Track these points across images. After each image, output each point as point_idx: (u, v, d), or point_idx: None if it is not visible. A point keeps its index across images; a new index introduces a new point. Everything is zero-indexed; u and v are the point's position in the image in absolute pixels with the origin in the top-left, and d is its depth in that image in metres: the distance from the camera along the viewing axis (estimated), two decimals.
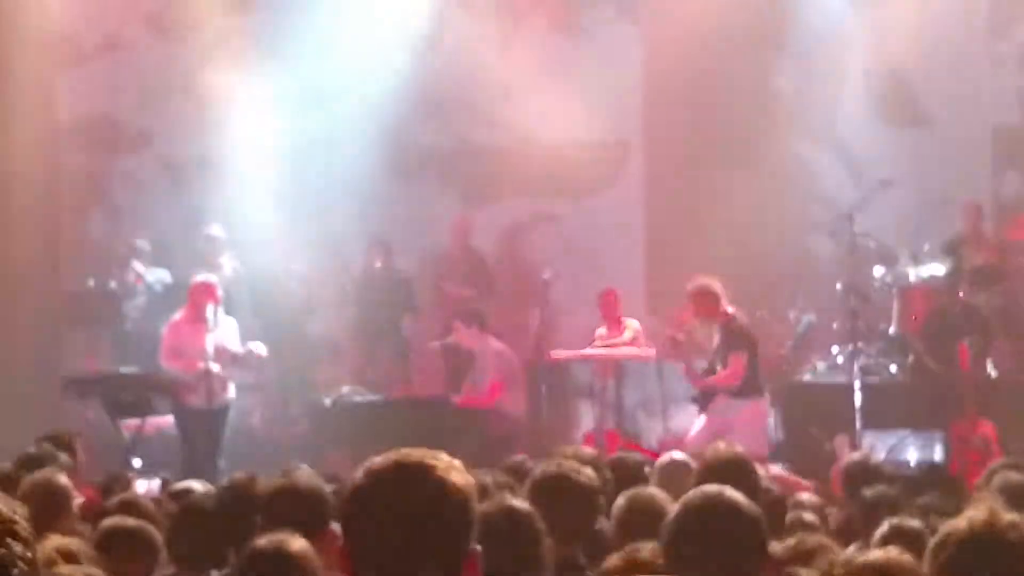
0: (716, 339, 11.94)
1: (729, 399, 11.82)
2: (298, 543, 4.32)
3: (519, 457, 7.92)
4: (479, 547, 2.87)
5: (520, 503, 4.62)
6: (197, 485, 6.46)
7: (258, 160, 14.70)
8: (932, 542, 3.20)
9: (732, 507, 3.90)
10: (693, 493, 4.03)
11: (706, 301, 11.84)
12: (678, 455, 7.96)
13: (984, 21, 14.47)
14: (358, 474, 2.91)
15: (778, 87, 14.98)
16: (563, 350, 13.49)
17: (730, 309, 11.87)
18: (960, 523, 3.13)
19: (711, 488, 4.02)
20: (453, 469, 2.89)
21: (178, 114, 14.96)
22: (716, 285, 11.83)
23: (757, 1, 14.71)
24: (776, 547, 4.86)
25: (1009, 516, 3.17)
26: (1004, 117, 14.45)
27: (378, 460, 2.92)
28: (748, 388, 11.85)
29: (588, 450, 6.99)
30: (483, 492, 5.03)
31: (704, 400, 11.95)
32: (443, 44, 14.99)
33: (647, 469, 7.47)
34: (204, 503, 6.00)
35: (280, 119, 14.80)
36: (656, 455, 11.51)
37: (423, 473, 2.85)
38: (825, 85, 14.97)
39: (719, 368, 11.80)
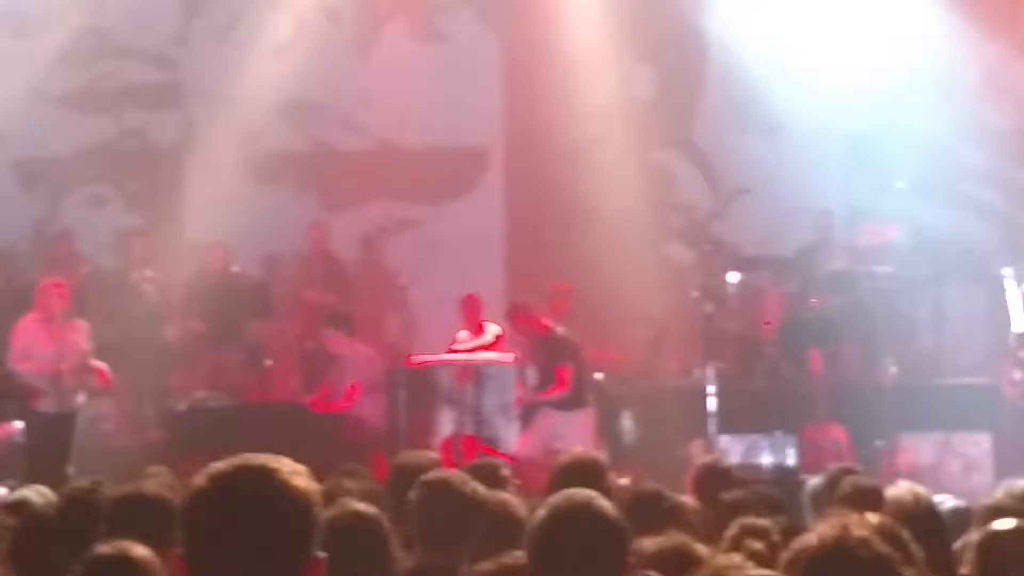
0: (538, 354, 12.11)
1: (556, 414, 11.98)
2: (140, 550, 4.24)
3: (351, 465, 7.88)
4: (322, 554, 2.85)
5: (366, 507, 4.59)
6: (35, 494, 6.30)
7: (111, 163, 14.50)
8: (784, 557, 3.21)
9: (597, 510, 3.91)
10: (557, 497, 4.03)
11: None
12: None
13: (834, 30, 14.74)
14: (198, 479, 2.87)
15: (636, 94, 15.11)
16: (423, 355, 13.48)
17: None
18: (811, 538, 3.15)
19: (576, 492, 4.03)
20: (296, 474, 2.86)
21: (28, 115, 14.69)
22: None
23: (616, 8, 14.82)
24: (646, 545, 4.87)
25: (860, 532, 3.19)
26: (855, 125, 14.73)
27: (219, 465, 2.88)
28: (576, 400, 12.04)
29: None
30: (331, 497, 5.01)
31: (528, 415, 12.10)
32: (301, 47, 14.90)
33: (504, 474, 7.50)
34: (45, 512, 5.86)
35: (133, 120, 14.62)
36: (513, 460, 11.61)
37: (264, 478, 2.82)
38: (683, 93, 15.14)
39: (544, 382, 11.99)
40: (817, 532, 3.15)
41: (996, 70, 14.51)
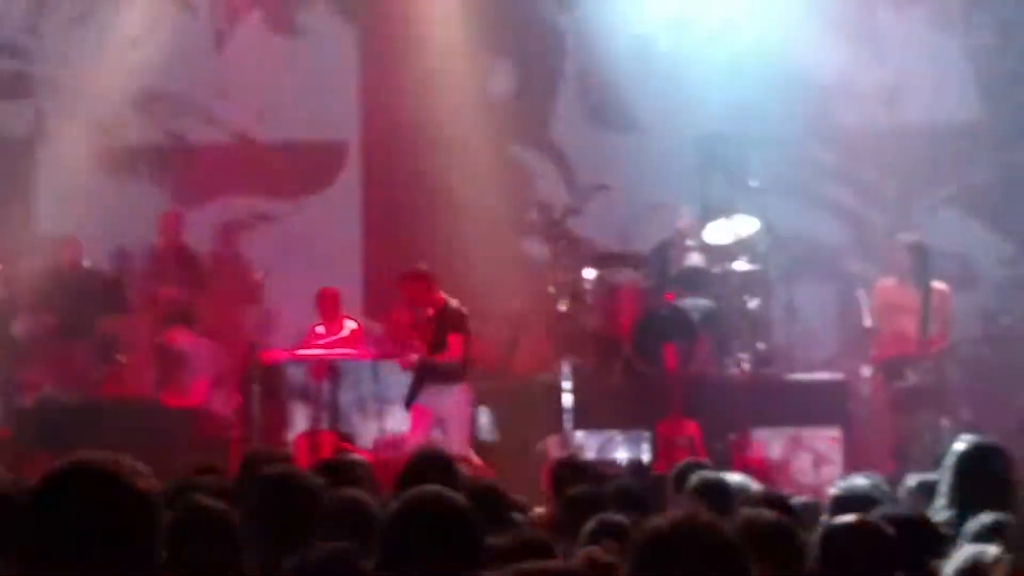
0: (429, 323, 12.13)
1: (434, 388, 12.01)
2: None
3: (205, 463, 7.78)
4: (165, 553, 2.81)
5: (213, 504, 4.54)
6: None
7: None
8: (633, 539, 3.24)
9: (448, 504, 3.92)
10: (409, 492, 4.02)
11: (419, 286, 12.05)
12: None
13: (691, 30, 14.91)
14: (35, 480, 2.83)
15: (495, 90, 15.15)
16: (278, 350, 13.39)
17: (441, 294, 12.11)
18: (660, 521, 3.17)
19: (426, 487, 4.03)
20: (135, 474, 2.82)
21: None
22: (426, 269, 12.05)
23: (474, 3, 14.84)
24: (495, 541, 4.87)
25: (707, 517, 3.23)
26: (710, 124, 14.91)
27: (56, 465, 2.84)
28: (461, 371, 12.10)
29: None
30: (182, 494, 4.94)
31: (412, 393, 12.12)
32: (156, 39, 14.71)
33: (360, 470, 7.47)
34: None
35: None
36: (371, 455, 11.59)
37: (102, 478, 2.78)
38: (541, 90, 15.21)
39: (434, 351, 12.03)
40: (666, 516, 3.18)
41: (848, 71, 14.77)
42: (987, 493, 4.89)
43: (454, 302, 12.25)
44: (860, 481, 5.90)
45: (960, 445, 5.37)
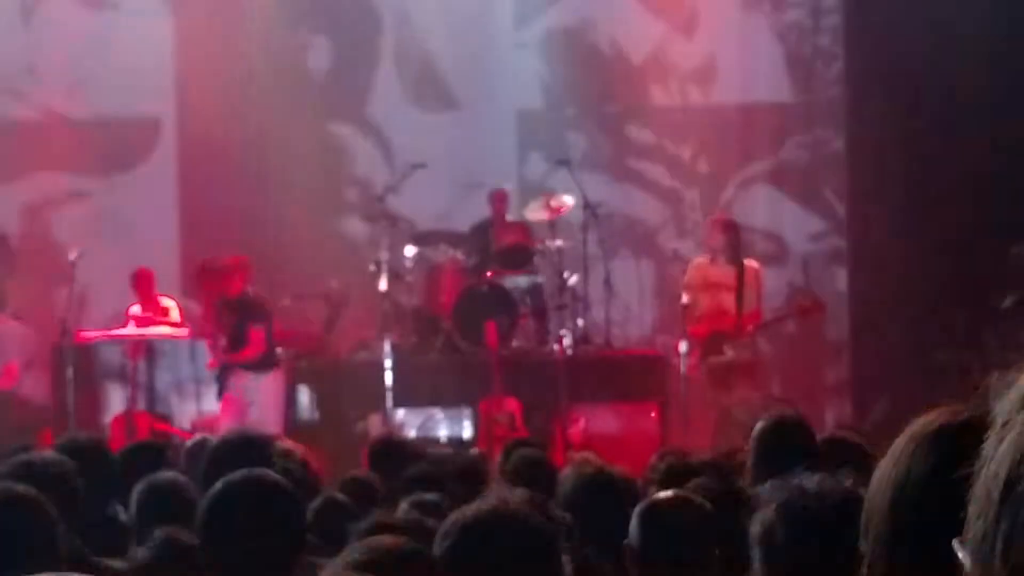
0: (229, 315, 12.07)
1: (247, 376, 11.97)
2: None
3: (20, 444, 7.63)
4: None
5: (23, 488, 4.44)
6: None
7: None
8: (441, 528, 3.25)
9: (270, 485, 3.88)
10: (234, 475, 3.97)
11: (216, 277, 12.00)
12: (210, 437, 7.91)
13: (508, 9, 14.98)
14: None
15: (312, 67, 15.03)
16: (92, 331, 13.14)
17: (239, 284, 12.05)
18: (467, 509, 3.19)
19: (252, 471, 3.99)
20: None
21: None
22: (222, 261, 12.01)
23: None
24: None
25: (516, 500, 3.25)
26: (527, 102, 15.00)
27: None
28: (267, 361, 12.07)
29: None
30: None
31: (223, 380, 12.06)
32: None
33: (170, 452, 7.37)
34: None
35: None
36: (189, 436, 11.45)
37: None
38: (358, 67, 15.13)
39: (236, 344, 11.97)
40: (474, 504, 3.20)
41: (662, 49, 14.97)
42: (788, 466, 5.00)
43: (252, 291, 12.19)
44: (680, 455, 5.99)
45: (763, 421, 5.47)
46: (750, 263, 12.82)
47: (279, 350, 12.49)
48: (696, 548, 3.81)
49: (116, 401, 13.29)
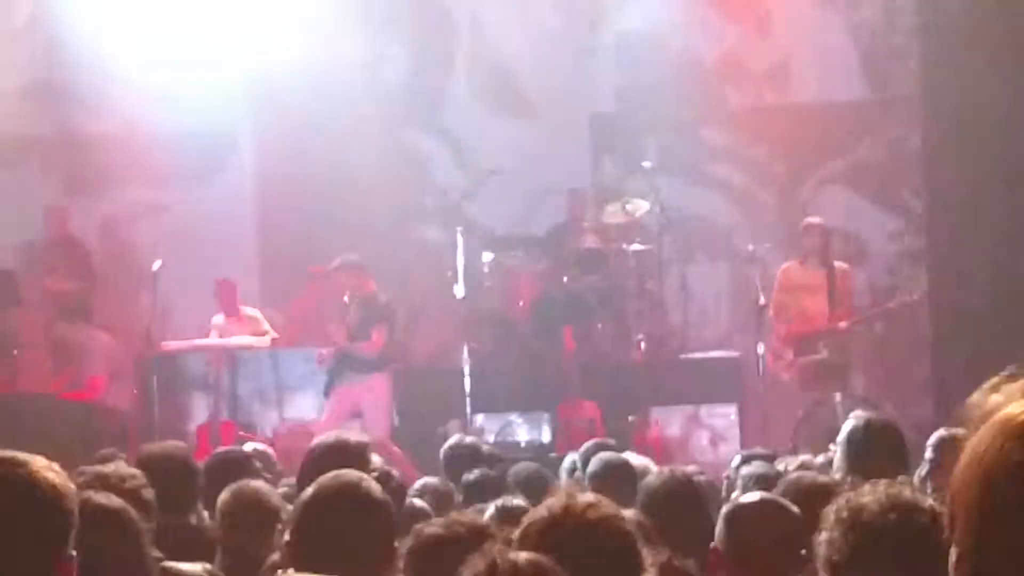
0: (355, 314, 12.13)
1: (354, 377, 12.03)
2: None
3: (108, 450, 7.74)
4: (74, 552, 2.82)
5: (116, 500, 4.50)
6: None
7: None
8: (516, 532, 3.25)
9: (361, 494, 3.88)
10: (321, 481, 3.99)
11: (358, 273, 12.11)
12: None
13: (581, 14, 15.00)
14: None
15: (388, 76, 15.11)
16: (176, 341, 13.29)
17: (372, 284, 12.16)
18: (540, 510, 3.20)
19: (343, 473, 4.00)
20: (47, 469, 2.82)
21: None
22: (358, 259, 12.13)
23: None
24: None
25: (586, 498, 3.26)
26: (601, 107, 15.01)
27: None
28: (381, 361, 12.13)
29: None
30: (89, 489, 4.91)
31: (333, 375, 12.12)
32: (42, 29, 14.51)
33: (255, 462, 7.45)
34: None
35: None
36: (273, 444, 11.56)
37: (13, 474, 2.78)
38: (433, 75, 15.20)
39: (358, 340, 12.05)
40: (546, 504, 3.22)
41: (734, 50, 14.93)
42: (879, 468, 5.00)
43: (384, 295, 12.32)
44: (763, 457, 6.00)
45: (852, 421, 5.47)
46: (840, 265, 12.78)
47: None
48: (783, 551, 3.82)
49: (200, 410, 13.44)
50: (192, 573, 4.75)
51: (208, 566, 4.87)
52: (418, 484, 7.37)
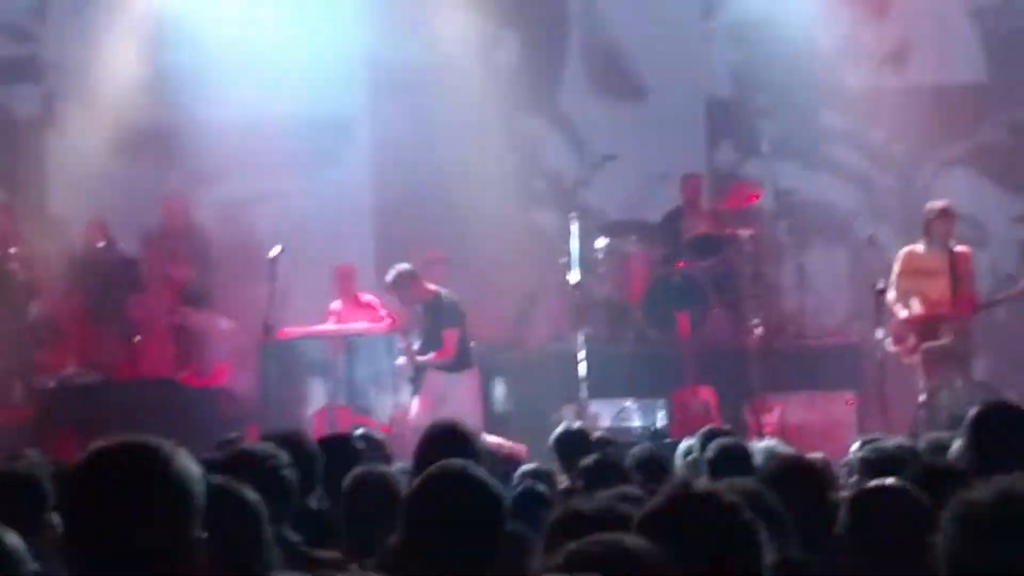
0: (424, 317, 12.18)
1: (442, 375, 12.08)
2: (11, 537, 4.16)
3: (232, 434, 7.85)
4: (204, 533, 2.86)
5: (244, 488, 4.56)
6: None
7: None
8: (637, 518, 3.24)
9: (471, 481, 3.91)
10: (432, 468, 4.02)
11: (408, 285, 12.10)
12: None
13: None
14: (79, 458, 2.88)
15: (501, 61, 15.12)
16: (294, 327, 13.43)
17: (432, 286, 12.15)
18: (658, 498, 3.20)
19: (450, 461, 4.03)
20: (177, 453, 2.88)
21: None
22: (408, 267, 12.10)
23: None
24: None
25: (706, 486, 3.24)
26: (717, 91, 14.91)
27: (100, 444, 2.89)
28: (461, 362, 12.15)
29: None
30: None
31: (418, 379, 12.19)
32: (161, 20, 14.71)
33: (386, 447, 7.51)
34: None
35: None
36: (388, 429, 11.66)
37: (146, 457, 2.84)
38: (547, 60, 15.19)
39: (429, 345, 12.08)
40: (662, 491, 3.20)
41: (853, 32, 14.75)
42: (1004, 455, 4.93)
43: (446, 293, 12.28)
44: (886, 443, 5.93)
45: (978, 407, 5.40)
46: (961, 248, 12.52)
47: (472, 344, 12.59)
48: (910, 537, 3.77)
49: (318, 395, 13.57)
50: (330, 559, 4.80)
51: (338, 554, 4.92)
52: (526, 468, 7.42)
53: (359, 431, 8.16)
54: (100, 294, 13.83)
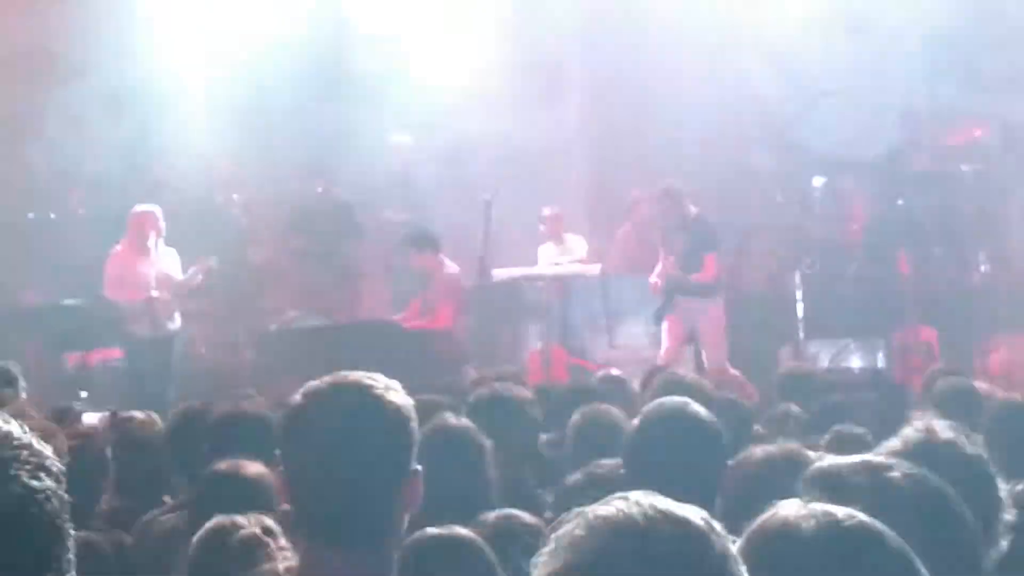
0: (682, 242, 11.91)
1: (693, 304, 11.83)
2: (254, 467, 4.33)
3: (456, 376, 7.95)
4: (420, 467, 2.90)
5: (462, 421, 4.63)
6: (141, 415, 6.40)
7: (195, 88, 14.56)
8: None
9: (693, 417, 3.94)
10: (653, 404, 4.06)
11: (673, 203, 11.92)
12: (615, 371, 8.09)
13: None
14: (296, 397, 2.94)
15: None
16: (508, 269, 13.49)
17: (694, 209, 11.96)
18: (895, 442, 3.11)
19: (670, 399, 4.06)
20: (391, 389, 2.91)
21: (113, 43, 14.75)
22: (677, 186, 11.93)
23: None
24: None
25: (946, 434, 3.15)
26: (938, 25, 14.47)
27: (315, 383, 2.95)
28: (716, 290, 11.94)
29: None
30: (430, 413, 5.06)
31: (663, 308, 11.98)
32: None
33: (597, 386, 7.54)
34: (152, 432, 5.97)
35: (213, 46, 14.67)
36: (603, 368, 11.65)
37: (360, 393, 2.88)
38: None
39: (688, 270, 11.87)
40: (901, 435, 3.13)
41: None
42: None
43: (707, 217, 12.05)
44: None
45: None
46: None
47: None
48: None
49: (533, 337, 13.64)
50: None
51: None
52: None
53: (603, 373, 8.23)
54: (319, 239, 14.09)
